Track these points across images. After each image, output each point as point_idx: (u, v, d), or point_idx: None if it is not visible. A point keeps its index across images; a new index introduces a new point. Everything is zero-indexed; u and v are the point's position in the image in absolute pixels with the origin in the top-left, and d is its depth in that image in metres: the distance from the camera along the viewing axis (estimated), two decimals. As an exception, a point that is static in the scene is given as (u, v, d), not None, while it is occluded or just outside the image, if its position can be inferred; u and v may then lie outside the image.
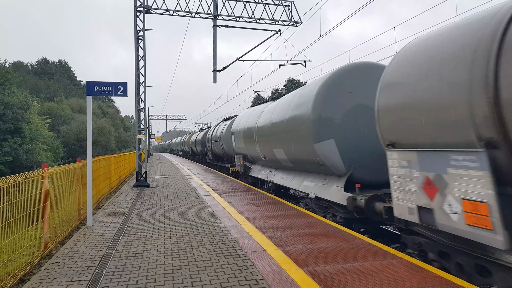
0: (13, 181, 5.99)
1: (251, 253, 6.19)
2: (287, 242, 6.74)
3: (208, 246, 6.67)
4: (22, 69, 72.45)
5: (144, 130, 17.55)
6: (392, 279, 4.84)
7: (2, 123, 25.37)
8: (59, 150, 34.86)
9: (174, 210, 10.30)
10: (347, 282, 4.78)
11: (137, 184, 16.58)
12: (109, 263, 5.85)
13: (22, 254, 6.58)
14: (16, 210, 6.18)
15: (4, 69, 33.97)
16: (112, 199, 12.95)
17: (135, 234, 7.68)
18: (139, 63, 17.01)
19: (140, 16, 17.03)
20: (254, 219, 8.86)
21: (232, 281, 4.97)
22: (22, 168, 24.29)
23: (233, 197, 12.42)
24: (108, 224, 8.67)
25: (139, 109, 17.16)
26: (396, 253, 5.95)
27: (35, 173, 7.09)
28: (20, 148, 25.44)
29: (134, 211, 10.33)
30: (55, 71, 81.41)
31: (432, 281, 4.74)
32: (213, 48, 19.22)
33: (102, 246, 6.81)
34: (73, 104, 56.96)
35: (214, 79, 19.65)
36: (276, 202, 11.24)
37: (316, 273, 5.16)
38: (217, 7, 18.76)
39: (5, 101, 25.96)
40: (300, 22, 20.29)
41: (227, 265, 5.63)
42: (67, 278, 5.24)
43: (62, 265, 5.80)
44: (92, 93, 8.82)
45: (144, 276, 5.24)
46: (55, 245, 7.53)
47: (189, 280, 5.05)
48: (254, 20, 19.49)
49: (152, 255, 6.20)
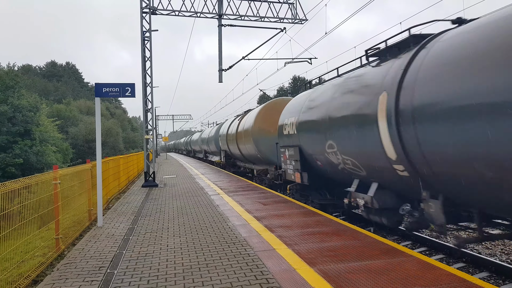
0: (25, 183, 6.06)
1: (261, 252, 6.20)
2: (296, 241, 6.73)
3: (217, 245, 6.69)
4: (31, 72, 73.12)
5: (152, 130, 17.63)
6: (404, 277, 4.81)
7: (12, 126, 25.65)
8: (68, 152, 35.16)
9: (183, 209, 10.33)
10: (359, 281, 4.77)
11: (146, 184, 16.67)
12: (120, 263, 5.89)
13: (34, 255, 6.66)
14: (27, 211, 6.25)
15: (13, 72, 34.32)
16: (122, 199, 13.03)
17: (145, 234, 7.72)
18: (145, 64, 17.08)
19: (146, 17, 17.10)
20: (263, 218, 8.87)
21: (243, 280, 4.98)
22: (32, 170, 24.55)
23: (241, 196, 12.44)
24: (118, 225, 8.73)
25: (147, 109, 17.24)
26: (408, 251, 5.91)
27: (46, 175, 7.17)
28: (30, 150, 25.70)
29: (143, 211, 10.39)
30: (63, 73, 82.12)
31: (445, 279, 4.70)
32: (219, 48, 19.24)
33: (113, 247, 6.86)
34: (81, 105, 57.39)
35: (220, 78, 19.68)
36: (285, 201, 11.23)
37: (327, 272, 5.14)
38: (222, 6, 18.77)
39: (15, 104, 26.24)
40: (305, 19, 20.24)
41: (237, 264, 5.64)
42: (80, 279, 5.28)
43: (74, 266, 5.86)
44: (100, 95, 8.88)
45: (155, 275, 5.26)
46: (67, 245, 7.60)
47: (200, 279, 5.06)
48: (259, 18, 19.47)
49: (162, 254, 6.23)
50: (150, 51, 17.12)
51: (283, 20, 19.83)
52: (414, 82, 6.10)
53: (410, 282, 4.66)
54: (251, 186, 15.43)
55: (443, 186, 5.98)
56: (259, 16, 19.40)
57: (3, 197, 5.32)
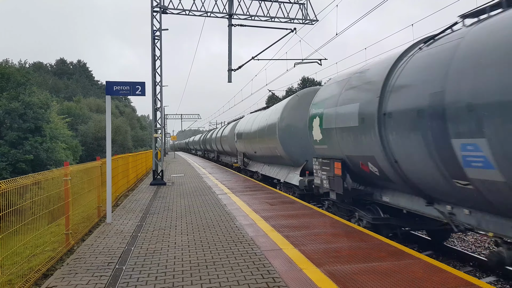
0: (37, 178, 6.16)
1: (268, 251, 6.23)
2: (303, 241, 6.76)
3: (224, 244, 6.74)
4: (42, 69, 73.95)
5: (160, 129, 17.75)
6: (411, 280, 4.82)
7: (23, 122, 25.96)
8: (78, 149, 35.50)
9: (191, 208, 10.41)
10: (365, 282, 4.78)
11: (154, 182, 16.79)
12: (129, 259, 5.96)
13: (44, 250, 6.76)
14: (37, 207, 6.35)
15: (24, 70, 34.74)
16: (130, 196, 13.15)
17: (153, 231, 7.79)
18: (155, 63, 17.20)
19: (157, 17, 17.21)
20: (270, 218, 8.90)
21: (249, 279, 5.02)
22: (42, 166, 24.83)
23: (248, 196, 12.48)
24: (126, 221, 8.82)
25: (156, 108, 17.36)
26: (414, 254, 5.91)
27: (57, 171, 7.27)
28: (40, 147, 25.99)
29: (151, 208, 10.48)
30: (74, 71, 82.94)
31: (452, 282, 4.70)
32: (229, 48, 19.30)
33: (122, 243, 6.94)
34: (91, 103, 57.95)
35: (229, 78, 19.74)
36: (292, 202, 11.26)
37: (333, 272, 5.17)
38: (232, 6, 18.83)
39: (26, 101, 26.56)
40: (316, 20, 20.23)
41: (244, 263, 5.68)
42: (89, 273, 5.36)
43: (84, 261, 5.94)
44: (111, 93, 8.98)
45: (163, 272, 5.33)
46: (76, 241, 7.71)
47: (207, 277, 5.12)
48: (269, 18, 19.50)
49: (170, 252, 6.30)
50: (160, 50, 17.24)
51: (294, 21, 19.84)
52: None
53: (417, 284, 4.67)
54: (258, 186, 15.47)
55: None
56: (270, 16, 19.44)
57: (16, 193, 5.42)
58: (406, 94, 6.57)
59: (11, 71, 29.38)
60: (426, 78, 6.05)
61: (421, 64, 6.42)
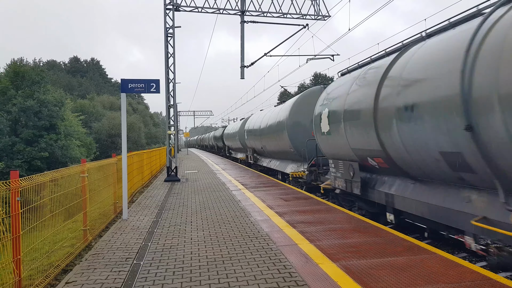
0: (55, 175, 6.27)
1: (283, 247, 6.26)
2: (318, 237, 6.77)
3: (240, 239, 6.79)
4: (56, 67, 74.90)
5: (174, 125, 17.88)
6: (427, 274, 4.80)
7: (38, 120, 26.39)
8: (92, 146, 35.96)
9: (205, 204, 10.49)
10: (381, 277, 4.78)
11: (168, 178, 16.94)
12: (146, 254, 6.05)
13: (63, 246, 6.89)
14: (54, 204, 6.46)
15: (39, 68, 35.24)
16: (145, 193, 13.29)
17: (169, 227, 7.89)
18: (168, 60, 17.30)
19: (170, 14, 17.29)
20: (284, 213, 8.93)
21: (266, 274, 5.06)
22: (57, 163, 25.23)
23: (262, 192, 12.52)
24: (142, 218, 8.94)
25: (169, 105, 17.47)
26: (430, 248, 5.88)
27: (74, 168, 7.39)
28: (55, 144, 26.41)
29: (166, 205, 10.59)
30: (88, 69, 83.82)
31: (469, 277, 4.67)
32: (241, 44, 19.31)
33: (138, 239, 7.05)
34: (104, 101, 58.51)
35: (242, 74, 19.75)
36: (306, 197, 11.26)
37: (349, 267, 5.18)
38: (244, 2, 18.81)
39: (41, 98, 26.99)
40: (328, 15, 20.11)
41: (260, 258, 5.72)
42: (107, 269, 5.46)
43: (102, 256, 6.05)
44: (126, 90, 9.08)
45: (180, 267, 5.40)
46: (94, 237, 7.83)
47: (224, 272, 5.17)
48: (281, 15, 19.45)
49: (186, 247, 6.37)
50: (173, 48, 17.33)
51: (306, 17, 19.75)
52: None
53: (433, 278, 4.65)
54: (272, 182, 15.50)
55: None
56: (282, 13, 19.38)
57: (35, 190, 5.53)
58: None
59: (26, 69, 29.85)
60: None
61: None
